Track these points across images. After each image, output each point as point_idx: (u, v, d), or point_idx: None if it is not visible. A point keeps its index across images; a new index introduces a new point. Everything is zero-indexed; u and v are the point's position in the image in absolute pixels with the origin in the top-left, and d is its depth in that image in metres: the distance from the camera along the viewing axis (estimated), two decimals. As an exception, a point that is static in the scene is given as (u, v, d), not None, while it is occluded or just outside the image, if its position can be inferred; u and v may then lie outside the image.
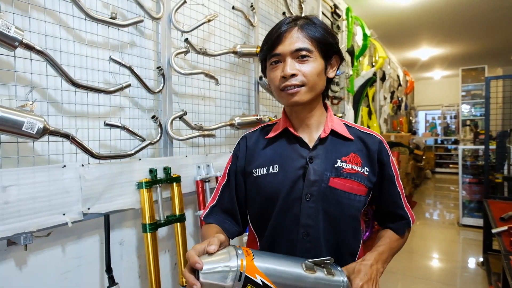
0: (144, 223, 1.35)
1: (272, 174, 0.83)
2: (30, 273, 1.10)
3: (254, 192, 0.87)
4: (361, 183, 0.82)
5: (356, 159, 0.84)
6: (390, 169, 0.87)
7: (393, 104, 6.50)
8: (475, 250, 3.59)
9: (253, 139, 0.93)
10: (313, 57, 0.79)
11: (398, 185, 0.89)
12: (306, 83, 0.79)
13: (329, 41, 0.82)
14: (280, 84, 0.80)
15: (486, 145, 3.30)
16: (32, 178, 1.01)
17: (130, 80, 1.32)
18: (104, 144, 1.30)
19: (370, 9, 4.29)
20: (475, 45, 6.23)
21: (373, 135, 0.89)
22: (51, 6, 1.11)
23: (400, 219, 0.90)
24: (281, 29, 0.81)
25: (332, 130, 0.86)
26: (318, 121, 0.88)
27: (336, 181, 0.81)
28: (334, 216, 0.81)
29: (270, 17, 2.36)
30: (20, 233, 0.99)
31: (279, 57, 0.81)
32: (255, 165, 0.87)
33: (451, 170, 9.24)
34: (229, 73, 1.97)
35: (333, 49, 0.84)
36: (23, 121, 0.92)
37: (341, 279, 0.72)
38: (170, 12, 1.50)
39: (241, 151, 0.93)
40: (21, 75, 1.04)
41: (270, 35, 0.83)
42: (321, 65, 0.81)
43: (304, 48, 0.78)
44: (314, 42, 0.80)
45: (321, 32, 0.81)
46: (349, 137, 0.86)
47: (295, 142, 0.86)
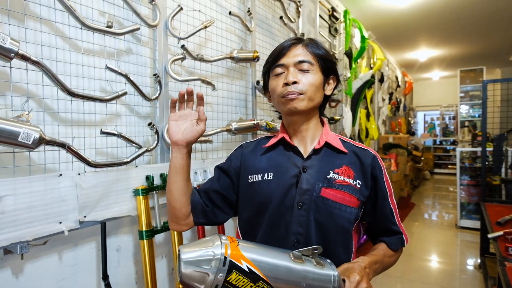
0: (140, 230, 1.36)
1: (266, 181, 0.86)
2: (26, 281, 1.11)
3: (248, 198, 0.89)
4: (352, 195, 0.84)
5: (348, 172, 0.86)
6: (383, 185, 0.89)
7: (391, 105, 6.51)
8: (473, 253, 3.60)
9: (250, 148, 0.96)
10: (314, 70, 0.86)
11: (391, 203, 0.90)
12: (305, 92, 0.84)
13: (329, 59, 0.90)
14: (283, 91, 0.85)
15: (484, 147, 3.31)
16: (28, 188, 1.02)
17: (126, 87, 1.33)
18: (100, 152, 1.31)
19: (368, 11, 4.30)
20: (474, 46, 6.24)
21: (368, 150, 0.91)
22: (47, 16, 1.12)
23: (394, 234, 0.91)
24: (286, 43, 0.88)
25: (326, 143, 0.89)
26: (313, 133, 0.91)
27: (328, 191, 0.83)
28: (325, 226, 0.82)
29: (267, 21, 2.37)
30: (16, 243, 0.99)
31: (282, 68, 0.87)
32: (250, 172, 0.90)
33: (450, 171, 9.24)
34: (226, 78, 1.97)
35: (332, 67, 0.91)
36: (19, 131, 0.93)
37: (332, 272, 0.70)
38: (166, 19, 1.51)
39: (236, 156, 0.97)
40: (17, 85, 1.05)
41: (275, 50, 0.90)
42: (320, 78, 0.87)
43: (307, 60, 0.85)
44: (316, 57, 0.87)
45: (323, 50, 0.89)
46: (343, 150, 0.88)
47: (290, 151, 0.89)
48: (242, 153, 0.96)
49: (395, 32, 5.24)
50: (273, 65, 0.88)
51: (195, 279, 0.60)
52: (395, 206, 0.91)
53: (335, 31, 3.53)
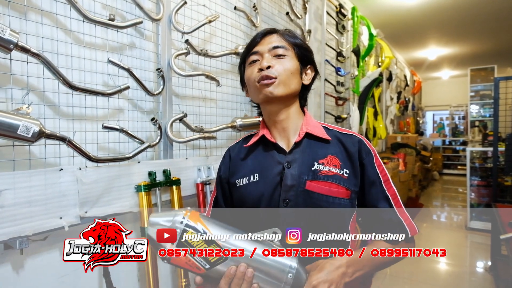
0: (142, 226, 1.34)
1: (253, 183, 0.84)
2: (27, 277, 1.09)
3: (239, 203, 0.87)
4: (340, 185, 0.79)
5: (334, 161, 0.81)
6: (372, 170, 0.82)
7: (400, 104, 6.42)
8: (483, 255, 3.51)
9: (236, 150, 0.94)
10: (289, 56, 0.84)
11: (388, 189, 0.82)
12: (279, 76, 0.81)
13: (305, 47, 0.88)
14: (257, 77, 0.82)
15: (495, 147, 3.23)
16: (28, 182, 1.01)
17: (129, 82, 1.31)
18: (102, 147, 1.29)
19: (376, 8, 4.24)
20: (485, 44, 6.12)
21: (353, 135, 0.86)
22: (48, 8, 1.10)
23: (393, 224, 0.80)
24: (261, 33, 0.88)
25: (307, 133, 0.85)
26: (296, 124, 0.87)
27: (313, 184, 0.79)
28: (316, 222, 0.77)
29: (274, 17, 2.33)
30: (15, 237, 0.98)
31: (257, 55, 0.85)
32: (237, 176, 0.88)
33: (459, 171, 9.09)
34: (231, 74, 1.95)
35: (309, 56, 0.89)
36: (18, 124, 0.91)
37: (289, 263, 0.66)
38: (170, 13, 1.48)
39: (225, 164, 0.95)
40: (17, 77, 1.04)
41: (250, 41, 0.89)
42: (296, 65, 0.85)
43: (282, 46, 0.84)
44: (291, 44, 0.86)
45: (299, 39, 0.88)
46: (326, 138, 0.84)
47: (273, 148, 0.86)
48: (230, 158, 0.94)
49: (404, 30, 5.16)
50: (248, 53, 0.87)
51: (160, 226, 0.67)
52: (394, 192, 0.82)
53: (343, 28, 3.48)
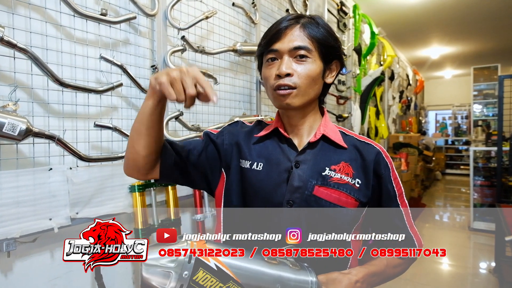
0: (136, 228, 1.30)
1: (255, 170, 0.78)
2: (16, 280, 1.06)
3: (236, 182, 0.81)
4: (350, 195, 0.75)
5: (346, 169, 0.77)
6: (389, 184, 0.79)
7: (402, 103, 6.37)
8: (487, 256, 3.46)
9: (246, 129, 0.87)
10: (311, 58, 0.75)
11: (401, 204, 0.81)
12: (298, 86, 0.74)
13: (331, 44, 0.78)
14: (274, 83, 0.75)
15: (499, 147, 3.18)
16: (16, 182, 0.97)
17: (122, 79, 1.27)
18: (95, 146, 1.26)
19: (378, 6, 4.19)
20: (488, 43, 6.05)
21: (372, 145, 0.82)
22: (38, 2, 1.07)
23: (404, 240, 0.80)
24: (282, 25, 0.76)
25: (323, 136, 0.80)
26: (310, 126, 0.82)
27: (322, 190, 0.75)
28: (317, 228, 0.73)
29: (273, 14, 2.29)
30: (2, 240, 0.95)
31: (276, 54, 0.76)
32: (241, 156, 0.81)
33: (462, 171, 9.02)
34: (230, 72, 1.91)
35: (335, 53, 0.79)
36: (4, 122, 0.88)
37: (309, 278, 0.63)
38: (165, 8, 1.45)
39: (230, 133, 0.85)
40: (5, 73, 1.00)
41: (269, 31, 0.79)
42: (319, 68, 0.77)
43: (304, 46, 0.74)
44: (315, 42, 0.76)
45: (324, 33, 0.77)
46: (342, 145, 0.80)
47: (285, 143, 0.81)
48: (239, 131, 0.86)
49: (406, 28, 5.11)
50: (266, 49, 0.78)
51: (158, 279, 0.56)
52: (406, 208, 0.81)
53: (344, 26, 3.44)
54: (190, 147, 0.82)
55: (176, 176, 0.80)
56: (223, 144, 0.83)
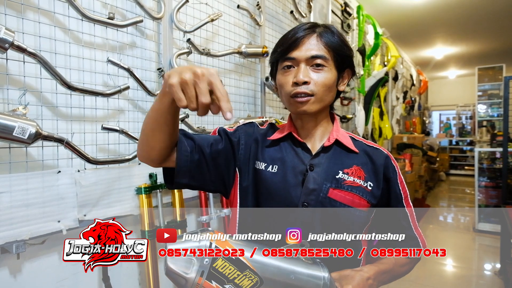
0: (143, 229, 1.31)
1: (270, 173, 0.79)
2: (25, 281, 1.07)
3: (252, 184, 0.81)
4: (362, 197, 0.78)
5: (359, 172, 0.80)
6: (397, 187, 0.82)
7: (406, 104, 6.35)
8: (492, 258, 3.44)
9: (262, 131, 0.87)
10: (327, 67, 0.78)
11: (407, 206, 0.84)
12: (315, 93, 0.76)
13: (346, 54, 0.81)
14: (292, 91, 0.77)
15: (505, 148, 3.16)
16: (25, 185, 0.98)
17: (129, 82, 1.29)
18: (102, 148, 1.27)
19: (382, 7, 4.18)
20: (493, 43, 6.02)
21: (380, 150, 0.85)
22: (46, 7, 1.08)
23: (409, 240, 0.83)
24: (299, 34, 0.78)
25: (336, 140, 0.82)
26: (323, 131, 0.85)
27: (336, 192, 0.77)
28: (331, 229, 0.75)
29: (278, 16, 2.30)
30: (12, 242, 0.96)
31: (293, 62, 0.78)
32: (257, 157, 0.82)
33: (466, 172, 8.97)
34: (234, 74, 1.92)
35: (348, 61, 0.82)
36: (14, 125, 0.89)
37: (322, 274, 0.65)
38: (171, 11, 1.46)
39: (246, 133, 0.85)
40: (14, 77, 1.01)
41: (285, 38, 0.80)
42: (335, 76, 0.79)
43: (321, 56, 0.76)
44: (331, 52, 0.78)
45: (339, 42, 0.79)
46: (353, 150, 0.82)
47: (299, 146, 0.83)
48: (254, 132, 0.86)
49: (410, 28, 5.09)
50: (282, 57, 0.79)
51: (180, 267, 0.59)
52: (411, 210, 0.84)
53: (348, 27, 3.43)
54: (209, 140, 0.79)
55: (191, 167, 0.75)
56: (239, 143, 0.83)
